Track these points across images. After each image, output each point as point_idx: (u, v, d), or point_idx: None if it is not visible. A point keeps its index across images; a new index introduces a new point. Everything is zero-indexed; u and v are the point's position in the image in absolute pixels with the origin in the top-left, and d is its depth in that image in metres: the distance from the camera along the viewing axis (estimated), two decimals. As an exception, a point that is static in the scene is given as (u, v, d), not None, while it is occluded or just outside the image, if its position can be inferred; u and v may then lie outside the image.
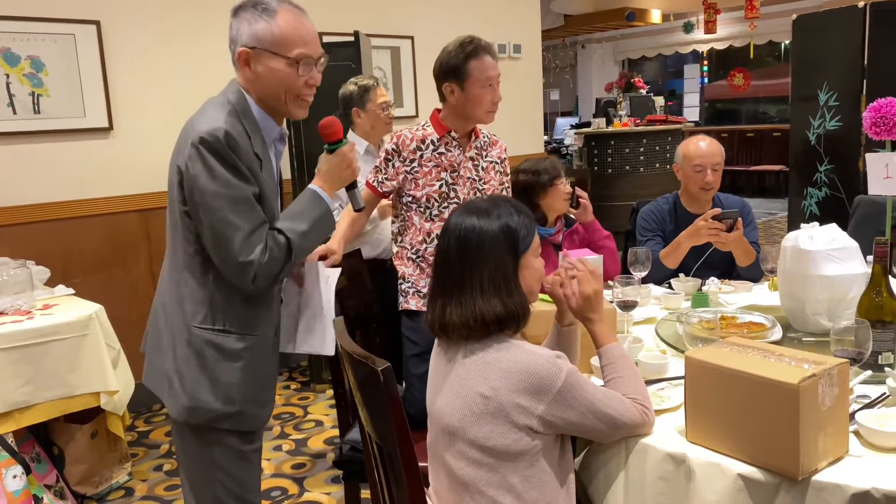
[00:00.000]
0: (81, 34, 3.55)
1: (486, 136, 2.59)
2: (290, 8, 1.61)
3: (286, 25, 1.58)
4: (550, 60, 12.62)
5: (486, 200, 1.55)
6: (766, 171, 11.06)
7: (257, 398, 1.70)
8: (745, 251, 2.69)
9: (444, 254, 1.50)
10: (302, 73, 1.61)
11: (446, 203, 2.47)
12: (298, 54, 1.59)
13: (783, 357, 1.39)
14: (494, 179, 2.57)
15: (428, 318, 1.51)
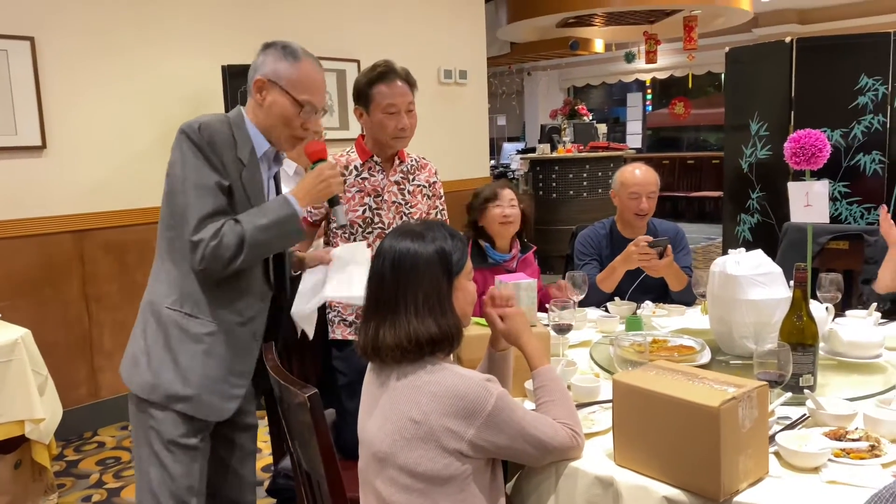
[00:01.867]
0: (14, 50, 3.45)
1: (414, 159, 2.56)
2: (312, 61, 1.84)
3: (304, 73, 1.80)
4: (497, 86, 12.81)
5: (420, 224, 1.56)
6: (705, 197, 11.39)
7: (216, 388, 1.76)
8: (676, 277, 2.76)
9: (378, 276, 1.50)
10: (303, 115, 1.81)
11: (370, 228, 2.43)
12: (305, 99, 1.79)
13: (706, 380, 1.43)
14: (422, 203, 2.53)
15: (360, 341, 1.50)
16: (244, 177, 1.75)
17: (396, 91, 2.34)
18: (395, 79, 2.34)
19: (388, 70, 2.35)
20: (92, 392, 3.85)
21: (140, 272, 3.95)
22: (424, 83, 5.56)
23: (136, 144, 3.92)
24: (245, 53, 4.28)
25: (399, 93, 2.35)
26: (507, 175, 10.38)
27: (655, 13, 7.96)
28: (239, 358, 1.81)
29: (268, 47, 1.83)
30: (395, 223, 2.43)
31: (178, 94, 4.07)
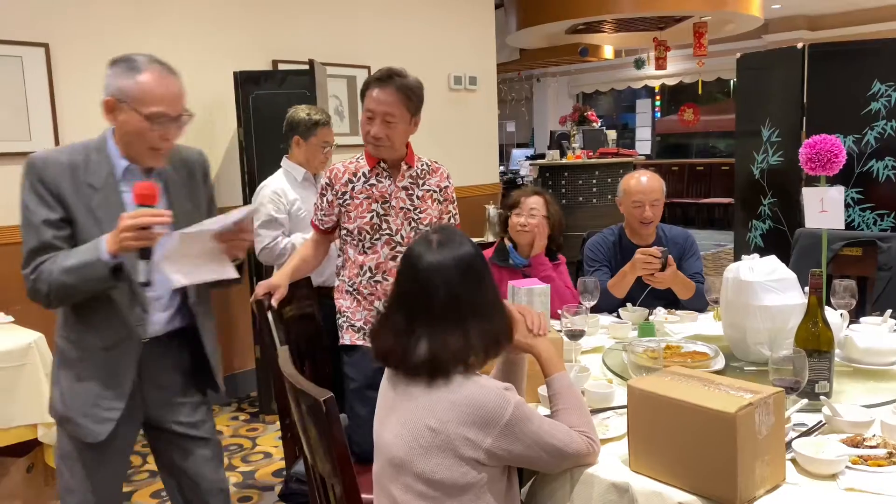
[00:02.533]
0: (29, 57, 3.48)
1: (425, 163, 2.52)
2: (157, 68, 1.77)
3: (145, 86, 1.73)
4: (507, 93, 12.83)
5: (441, 232, 1.54)
6: (715, 203, 11.36)
7: (89, 412, 1.81)
8: (682, 286, 2.75)
9: (415, 288, 1.47)
10: (155, 128, 1.73)
11: (378, 235, 2.40)
12: (152, 112, 1.72)
13: (722, 386, 1.42)
14: (432, 209, 2.48)
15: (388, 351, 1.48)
16: (95, 202, 1.73)
17: (375, 97, 2.29)
18: (380, 85, 2.28)
19: (381, 76, 2.30)
20: (103, 396, 3.85)
21: (152, 277, 3.97)
22: (434, 89, 5.59)
23: (148, 150, 3.94)
24: (257, 60, 4.32)
25: (377, 100, 2.28)
26: (515, 181, 10.39)
27: (665, 20, 7.95)
28: (110, 382, 1.82)
29: (112, 64, 1.80)
30: (402, 229, 2.41)
31: (191, 100, 4.04)
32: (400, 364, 1.46)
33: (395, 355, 1.45)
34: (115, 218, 1.67)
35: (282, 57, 4.42)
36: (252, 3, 4.32)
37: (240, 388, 4.38)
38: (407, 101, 2.31)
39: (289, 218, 3.19)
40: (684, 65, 11.39)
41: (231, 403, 4.28)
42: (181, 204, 1.87)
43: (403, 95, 2.30)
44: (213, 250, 1.81)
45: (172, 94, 1.77)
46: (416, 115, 2.38)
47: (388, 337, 1.48)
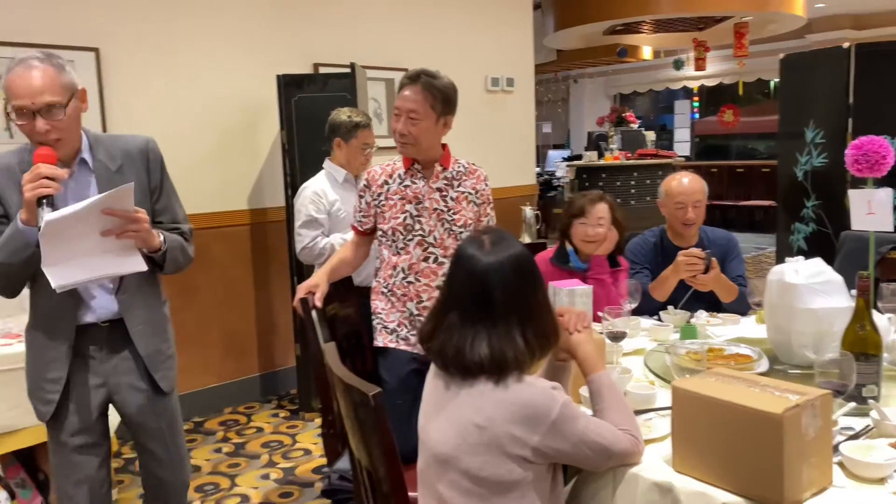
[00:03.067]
0: (80, 61, 3.59)
1: (462, 165, 2.51)
2: (18, 65, 1.78)
3: (9, 81, 1.77)
4: (543, 94, 12.79)
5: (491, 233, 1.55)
6: (755, 206, 11.18)
7: (36, 392, 1.97)
8: (725, 289, 2.72)
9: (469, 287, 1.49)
10: (20, 121, 1.78)
11: (411, 235, 2.41)
12: (14, 107, 1.76)
13: (768, 388, 1.42)
14: (467, 210, 2.47)
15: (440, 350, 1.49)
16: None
17: (402, 95, 2.33)
18: (408, 84, 2.32)
19: (411, 75, 2.34)
20: (148, 392, 3.95)
21: (197, 275, 4.06)
22: (471, 91, 5.61)
23: (193, 152, 4.03)
24: (298, 64, 4.39)
25: (403, 97, 2.33)
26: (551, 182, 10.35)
27: (705, 20, 7.86)
28: (50, 365, 1.94)
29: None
30: (436, 230, 2.41)
31: (235, 102, 4.18)
32: (455, 364, 1.47)
33: (451, 355, 1.47)
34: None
35: (323, 60, 4.48)
36: (294, 9, 4.39)
37: (280, 386, 4.45)
38: (433, 99, 2.32)
39: (328, 218, 3.24)
40: (724, 65, 11.23)
41: (271, 400, 4.35)
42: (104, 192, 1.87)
43: (429, 94, 2.32)
44: (108, 244, 1.80)
45: (26, 87, 1.75)
46: (446, 116, 2.38)
47: (441, 337, 1.49)
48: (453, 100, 2.39)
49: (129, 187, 1.78)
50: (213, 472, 3.41)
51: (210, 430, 3.93)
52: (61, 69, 1.83)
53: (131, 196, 1.79)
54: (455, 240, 2.41)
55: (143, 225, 1.83)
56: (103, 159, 1.95)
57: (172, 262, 2.01)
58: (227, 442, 3.76)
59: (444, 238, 2.42)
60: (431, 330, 1.53)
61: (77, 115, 1.88)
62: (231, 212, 4.19)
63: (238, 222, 4.22)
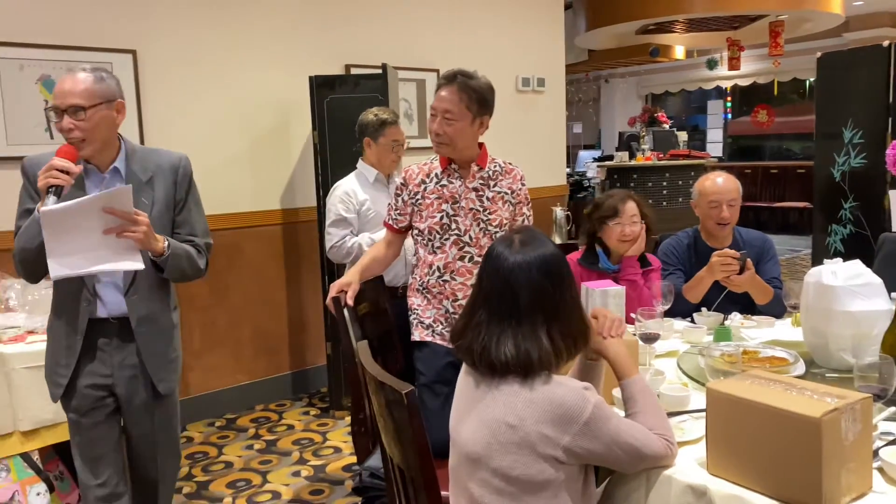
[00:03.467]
0: (118, 63, 3.65)
1: (499, 165, 2.52)
2: (69, 70, 2.03)
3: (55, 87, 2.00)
4: (574, 94, 12.72)
5: (522, 233, 1.55)
6: (789, 207, 10.99)
7: (51, 376, 2.14)
8: (760, 290, 2.68)
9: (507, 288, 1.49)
10: (54, 119, 1.99)
11: (447, 235, 2.43)
12: (50, 107, 2.00)
13: (805, 390, 1.39)
14: (503, 210, 2.47)
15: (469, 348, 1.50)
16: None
17: (438, 95, 2.37)
18: (444, 84, 2.36)
19: (448, 75, 2.37)
20: (182, 389, 4.00)
21: (230, 274, 4.11)
22: (502, 91, 5.56)
23: (227, 152, 4.08)
24: (330, 65, 4.42)
25: (440, 97, 2.36)
26: (581, 183, 10.29)
27: (739, 19, 7.76)
28: (63, 352, 2.11)
29: None
30: (472, 230, 2.43)
31: (268, 104, 4.22)
32: (482, 362, 1.47)
33: (478, 353, 1.47)
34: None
35: (354, 61, 4.51)
36: (326, 11, 4.42)
37: (310, 384, 4.49)
38: (468, 100, 2.33)
39: (357, 218, 3.26)
40: (758, 65, 11.06)
41: (302, 398, 4.39)
42: (139, 201, 2.03)
43: (465, 94, 2.32)
44: (109, 242, 1.92)
45: (62, 89, 1.97)
46: (482, 116, 2.38)
47: (470, 335, 1.50)
48: (489, 100, 2.39)
49: (128, 189, 1.91)
50: (244, 469, 3.45)
51: (242, 426, 3.98)
52: (99, 80, 2.01)
53: (130, 198, 1.91)
54: (490, 239, 2.42)
55: (141, 227, 1.94)
56: (136, 170, 2.09)
57: (176, 270, 2.10)
58: (258, 439, 3.81)
59: (480, 237, 2.43)
60: (462, 328, 1.53)
61: (107, 122, 2.02)
62: (263, 211, 4.24)
63: (270, 222, 4.27)
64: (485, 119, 2.40)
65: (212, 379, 4.13)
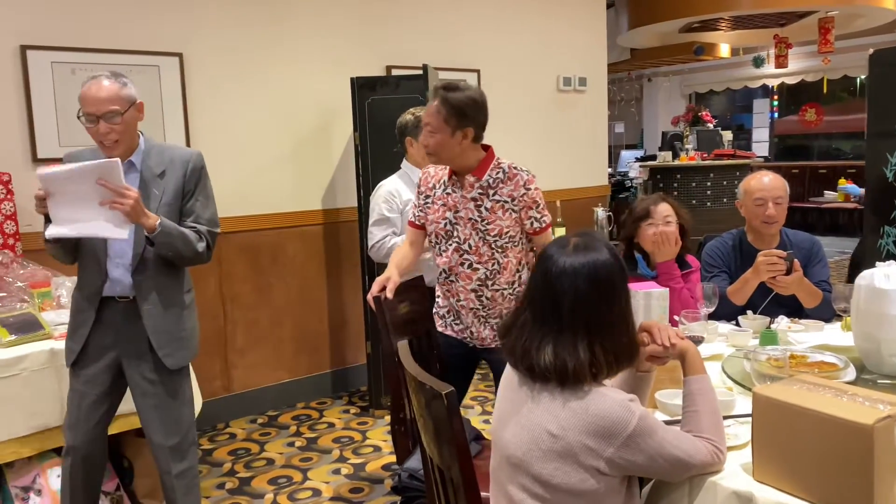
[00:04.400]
0: (165, 65, 3.74)
1: (502, 170, 2.45)
2: (91, 79, 2.22)
3: (81, 93, 2.21)
4: (616, 93, 12.57)
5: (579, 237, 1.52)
6: (839, 208, 10.71)
7: (68, 343, 2.39)
8: (808, 293, 2.61)
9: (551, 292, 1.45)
10: (88, 125, 2.20)
11: (450, 241, 2.49)
12: (80, 112, 2.21)
13: (856, 397, 1.36)
14: (502, 219, 2.43)
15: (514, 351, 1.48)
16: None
17: (426, 110, 2.45)
18: (431, 96, 2.44)
19: (433, 88, 2.44)
20: (225, 385, 4.08)
21: (273, 274, 4.17)
22: (543, 91, 5.58)
23: (270, 153, 4.14)
24: (372, 67, 4.45)
25: (425, 110, 2.48)
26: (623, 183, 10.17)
27: (787, 15, 7.59)
28: (79, 323, 2.35)
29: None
30: (471, 239, 2.45)
31: (311, 105, 4.27)
32: (522, 364, 1.46)
33: (519, 355, 1.46)
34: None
35: (395, 63, 4.54)
36: (368, 12, 4.46)
37: (350, 382, 4.53)
38: (446, 113, 2.33)
39: (400, 218, 3.27)
40: (806, 62, 10.80)
41: (342, 397, 4.42)
42: (150, 191, 2.29)
43: (443, 107, 2.34)
44: (104, 213, 2.12)
45: (93, 97, 2.18)
46: (463, 129, 2.35)
47: (514, 334, 1.48)
48: (470, 113, 2.36)
49: (115, 162, 2.11)
50: (286, 466, 3.49)
51: (283, 423, 4.03)
52: (123, 85, 2.24)
53: (119, 170, 2.10)
54: (490, 248, 2.44)
55: (128, 200, 2.11)
56: (150, 164, 2.32)
57: (167, 247, 2.28)
58: (299, 436, 3.85)
59: (480, 246, 2.45)
60: (508, 326, 1.52)
61: (134, 123, 2.29)
62: (305, 212, 4.29)
63: (312, 222, 4.31)
64: (467, 131, 2.36)
65: (254, 376, 4.19)
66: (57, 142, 3.45)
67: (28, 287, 2.91)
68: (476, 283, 2.48)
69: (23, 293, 2.89)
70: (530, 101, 5.35)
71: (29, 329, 2.70)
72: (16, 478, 2.69)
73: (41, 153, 3.40)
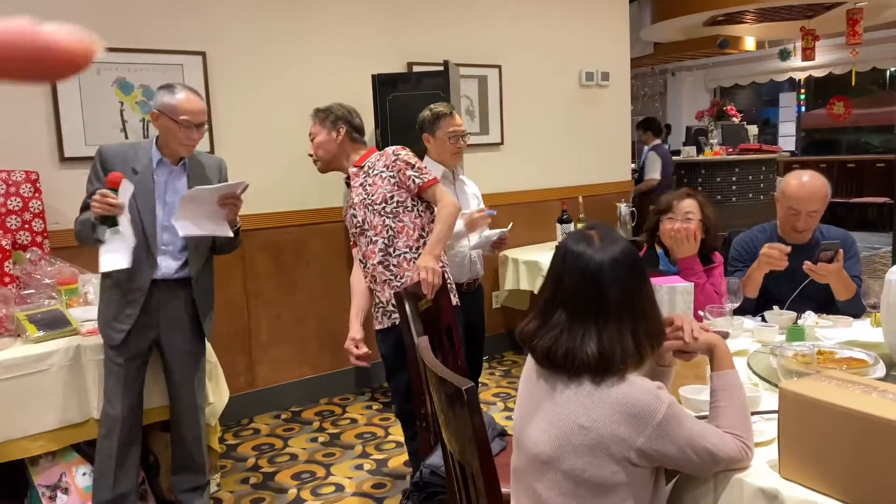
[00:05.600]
0: (188, 64, 3.77)
1: (376, 155, 2.82)
2: (188, 91, 2.58)
3: (180, 101, 2.53)
4: (639, 88, 12.46)
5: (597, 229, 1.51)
6: (868, 203, 10.53)
7: (111, 323, 2.61)
8: (843, 285, 2.57)
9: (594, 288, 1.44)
10: (183, 129, 2.53)
11: (357, 230, 2.78)
12: (183, 119, 2.52)
13: (886, 393, 1.33)
14: (383, 187, 2.71)
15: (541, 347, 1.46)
16: (134, 181, 2.48)
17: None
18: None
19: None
20: (249, 381, 4.11)
21: (296, 271, 4.19)
22: (565, 86, 5.54)
23: (292, 151, 4.15)
24: (393, 63, 4.45)
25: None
26: (646, 179, 10.08)
27: (814, 7, 7.46)
28: (124, 305, 2.59)
29: (158, 90, 2.58)
30: (367, 218, 2.72)
31: (332, 102, 4.26)
32: (563, 363, 1.43)
33: (559, 354, 1.43)
34: (146, 192, 2.56)
35: (416, 59, 4.53)
36: (389, 9, 4.45)
37: (373, 379, 4.54)
38: (320, 121, 2.83)
39: None
40: (834, 55, 10.62)
41: (365, 393, 4.44)
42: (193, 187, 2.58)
43: (316, 119, 2.84)
44: (215, 212, 2.54)
45: (197, 108, 2.56)
46: (335, 127, 2.81)
47: (548, 335, 1.45)
48: (332, 111, 2.85)
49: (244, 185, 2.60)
50: (309, 461, 3.51)
51: (307, 419, 4.05)
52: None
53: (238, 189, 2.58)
54: (378, 215, 2.70)
55: (240, 204, 2.62)
56: (193, 165, 2.69)
57: (238, 240, 2.75)
58: (322, 432, 3.87)
59: (372, 219, 2.71)
60: (536, 328, 1.49)
61: None
62: (329, 209, 4.30)
63: (335, 219, 4.33)
64: (339, 127, 2.81)
65: (278, 372, 4.21)
66: (83, 141, 3.49)
67: (56, 284, 2.96)
68: (380, 255, 2.70)
69: (51, 290, 2.93)
70: (552, 96, 5.32)
71: (57, 325, 2.74)
72: (42, 477, 2.73)
73: (68, 152, 3.44)
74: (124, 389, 2.64)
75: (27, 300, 2.89)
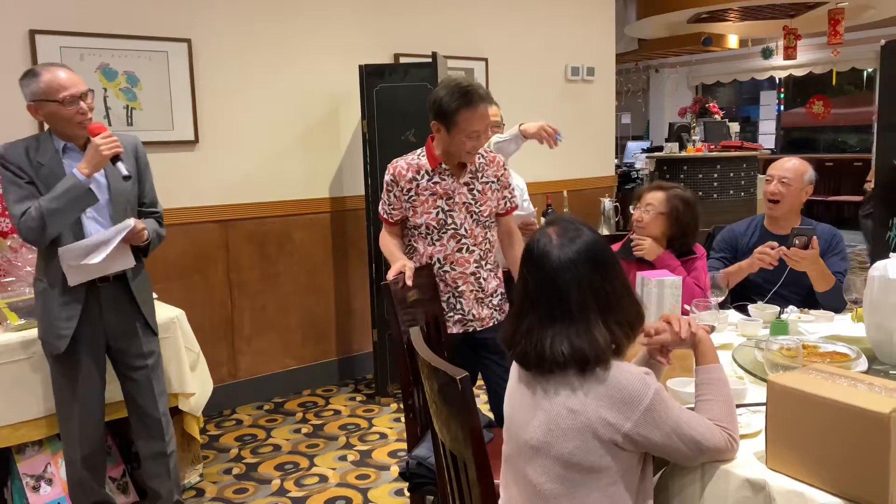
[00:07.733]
0: (174, 51, 3.73)
1: (482, 155, 2.59)
2: (52, 67, 2.31)
3: (50, 81, 2.27)
4: (623, 84, 12.51)
5: (556, 225, 1.51)
6: (844, 201, 10.68)
7: (51, 331, 2.38)
8: (821, 275, 2.62)
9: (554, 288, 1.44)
10: (68, 107, 2.28)
11: (444, 229, 2.54)
12: (65, 96, 2.26)
13: (873, 386, 1.35)
14: (491, 199, 2.59)
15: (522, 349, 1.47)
16: (41, 173, 2.31)
17: (481, 115, 2.40)
18: (479, 103, 2.39)
19: (473, 93, 2.39)
20: (231, 372, 4.09)
21: (280, 261, 4.17)
22: (551, 80, 5.56)
23: (277, 141, 4.13)
24: (380, 54, 4.43)
25: (482, 118, 2.42)
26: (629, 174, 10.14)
27: (797, 6, 7.53)
28: (65, 309, 2.37)
29: (20, 82, 2.31)
30: (466, 223, 2.54)
31: (318, 92, 4.26)
32: (537, 367, 1.45)
33: (533, 359, 1.44)
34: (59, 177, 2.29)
35: (404, 50, 4.52)
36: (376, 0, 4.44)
37: (357, 370, 4.53)
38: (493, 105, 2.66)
39: None
40: (814, 54, 10.73)
41: (348, 384, 4.43)
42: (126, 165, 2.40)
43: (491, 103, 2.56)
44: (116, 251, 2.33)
45: (70, 80, 2.29)
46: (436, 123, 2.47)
47: (522, 340, 1.47)
48: (432, 109, 2.47)
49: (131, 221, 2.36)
50: (292, 452, 3.50)
51: (290, 410, 4.04)
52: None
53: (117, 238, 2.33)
54: (482, 228, 2.58)
55: (144, 234, 2.41)
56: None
57: (153, 249, 2.55)
58: (305, 423, 3.86)
59: (474, 228, 2.57)
60: (511, 333, 1.50)
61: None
62: (313, 199, 4.28)
63: (319, 210, 4.31)
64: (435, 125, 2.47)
65: (261, 363, 4.20)
66: (65, 127, 3.44)
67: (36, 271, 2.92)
68: (474, 266, 2.57)
69: (31, 278, 2.89)
70: (538, 90, 5.33)
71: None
72: (27, 466, 2.70)
73: (50, 138, 3.39)
74: (88, 423, 2.48)
75: (8, 288, 2.86)
